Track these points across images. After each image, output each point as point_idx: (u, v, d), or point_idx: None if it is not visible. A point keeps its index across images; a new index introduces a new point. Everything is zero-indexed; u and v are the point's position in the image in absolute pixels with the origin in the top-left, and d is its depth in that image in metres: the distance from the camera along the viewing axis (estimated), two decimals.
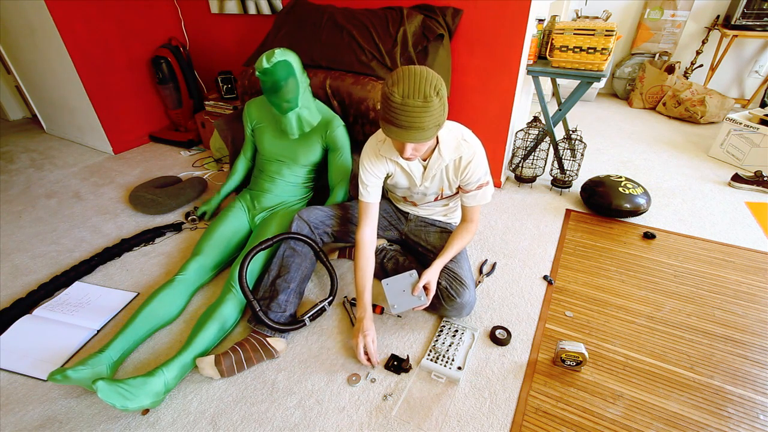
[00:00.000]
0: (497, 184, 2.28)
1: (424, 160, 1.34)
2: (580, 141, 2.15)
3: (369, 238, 1.38)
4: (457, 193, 1.45)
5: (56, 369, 1.11)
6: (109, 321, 1.48)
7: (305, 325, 1.39)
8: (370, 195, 1.37)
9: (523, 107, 2.36)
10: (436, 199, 1.49)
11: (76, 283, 1.64)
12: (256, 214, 1.71)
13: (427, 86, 1.03)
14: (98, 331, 1.44)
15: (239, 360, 1.25)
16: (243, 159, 1.87)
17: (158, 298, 1.39)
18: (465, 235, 1.41)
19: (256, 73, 1.45)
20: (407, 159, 1.18)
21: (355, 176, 1.77)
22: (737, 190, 2.22)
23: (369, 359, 1.27)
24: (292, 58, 1.47)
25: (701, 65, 3.39)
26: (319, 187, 1.86)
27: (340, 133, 1.64)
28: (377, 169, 1.36)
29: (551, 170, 2.26)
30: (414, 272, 1.34)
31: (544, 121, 2.12)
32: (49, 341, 1.39)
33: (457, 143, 1.29)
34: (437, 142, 1.29)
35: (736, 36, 3.06)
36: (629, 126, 3.11)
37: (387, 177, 1.42)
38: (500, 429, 1.11)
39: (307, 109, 1.58)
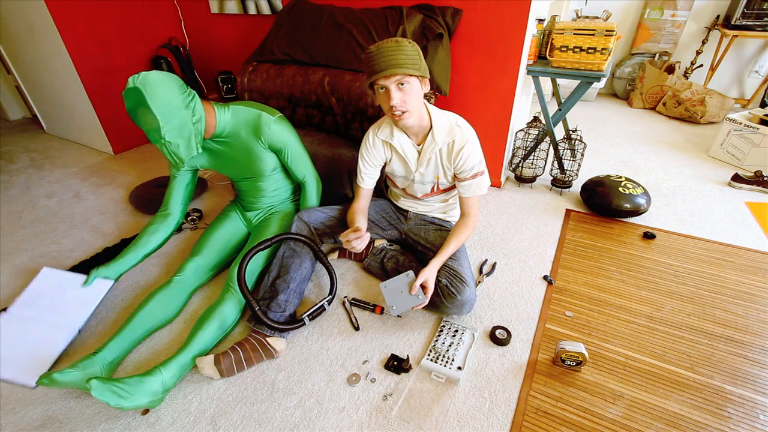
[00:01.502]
0: (497, 184, 2.28)
1: (419, 145, 1.39)
2: (580, 141, 2.15)
3: (362, 205, 1.51)
4: (454, 187, 1.47)
5: (44, 373, 1.10)
6: (90, 316, 1.41)
7: (305, 324, 1.39)
8: (365, 181, 1.50)
9: (523, 107, 2.36)
10: (432, 190, 1.50)
11: (45, 269, 1.50)
12: (251, 217, 1.69)
13: (399, 37, 1.19)
14: (80, 331, 1.39)
15: (239, 360, 1.25)
16: (159, 224, 1.53)
17: (155, 299, 1.39)
18: (463, 231, 1.41)
19: None
20: (396, 114, 1.21)
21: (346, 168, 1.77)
22: (737, 190, 2.22)
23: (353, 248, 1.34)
24: (149, 87, 1.17)
25: (701, 65, 3.39)
26: None
27: (276, 130, 1.44)
28: (374, 157, 1.45)
29: (551, 170, 2.26)
30: (411, 272, 1.34)
31: (544, 121, 2.12)
32: (32, 344, 1.32)
33: (450, 127, 1.34)
34: (431, 127, 1.34)
35: (736, 36, 3.06)
36: (629, 126, 3.11)
37: (385, 165, 1.49)
38: (500, 429, 1.11)
39: (178, 144, 1.28)
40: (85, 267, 1.69)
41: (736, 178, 2.25)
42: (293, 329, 1.35)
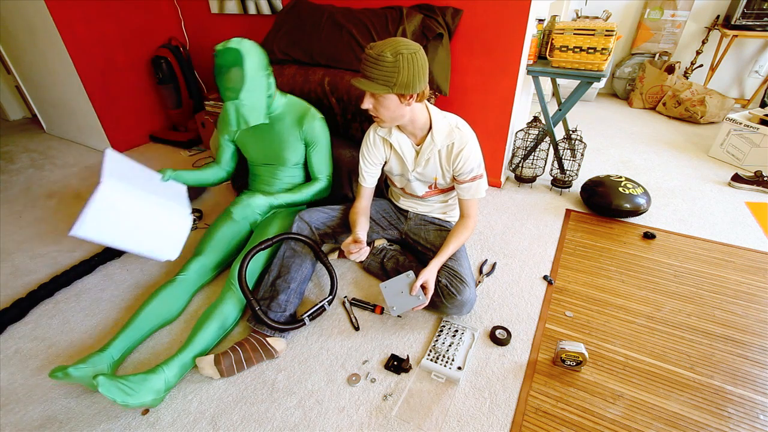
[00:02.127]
0: (497, 184, 2.28)
1: (418, 145, 1.39)
2: (580, 141, 2.15)
3: (364, 204, 1.51)
4: (453, 188, 1.47)
5: (57, 367, 1.11)
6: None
7: (305, 324, 1.39)
8: (366, 180, 1.50)
9: (523, 107, 2.36)
10: (430, 187, 1.50)
11: (109, 150, 1.44)
12: None
13: (388, 46, 1.12)
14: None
15: (239, 360, 1.25)
16: (215, 167, 1.75)
17: (159, 297, 1.39)
18: (463, 232, 1.41)
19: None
20: (371, 114, 1.27)
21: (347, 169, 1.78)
22: (737, 190, 2.22)
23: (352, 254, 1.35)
24: (250, 53, 1.38)
25: (701, 65, 3.39)
26: None
27: (317, 125, 1.58)
28: (374, 155, 1.46)
29: (551, 170, 2.26)
30: (411, 273, 1.34)
31: (544, 121, 2.12)
32: (161, 222, 1.39)
33: (450, 129, 1.34)
34: (430, 127, 1.34)
35: (736, 36, 3.06)
36: (629, 126, 3.11)
37: (385, 164, 1.50)
38: (500, 429, 1.11)
39: (251, 108, 1.45)
40: (85, 267, 1.69)
41: (736, 178, 2.25)
42: (293, 329, 1.35)
